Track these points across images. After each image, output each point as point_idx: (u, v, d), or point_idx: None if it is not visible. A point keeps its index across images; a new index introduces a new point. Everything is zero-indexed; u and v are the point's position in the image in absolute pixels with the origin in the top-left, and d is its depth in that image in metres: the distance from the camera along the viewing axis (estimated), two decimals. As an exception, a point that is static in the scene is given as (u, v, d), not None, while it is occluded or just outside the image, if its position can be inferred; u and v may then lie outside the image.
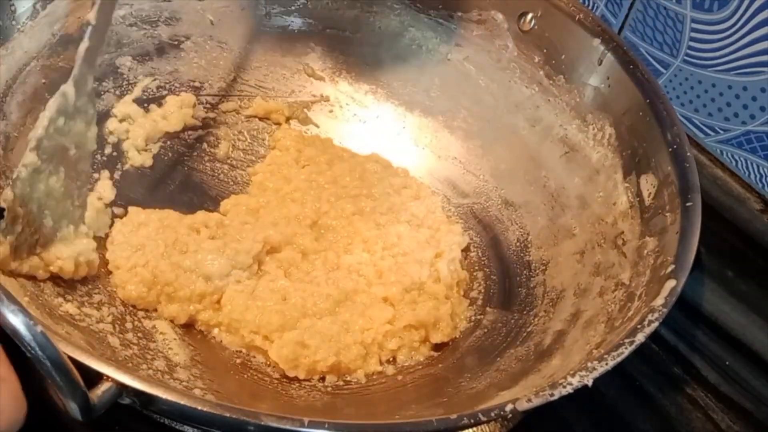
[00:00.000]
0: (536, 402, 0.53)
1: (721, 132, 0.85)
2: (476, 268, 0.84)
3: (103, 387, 0.48)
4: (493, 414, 0.52)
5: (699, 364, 0.80)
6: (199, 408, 0.49)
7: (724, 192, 0.86)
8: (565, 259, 0.79)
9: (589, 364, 0.56)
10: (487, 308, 0.80)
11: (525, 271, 0.82)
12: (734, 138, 0.85)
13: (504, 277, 0.82)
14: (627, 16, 0.90)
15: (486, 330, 0.77)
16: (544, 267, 0.80)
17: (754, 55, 0.80)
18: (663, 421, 0.76)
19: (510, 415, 0.52)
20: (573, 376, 0.55)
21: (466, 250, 0.85)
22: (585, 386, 0.55)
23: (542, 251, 0.82)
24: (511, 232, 0.86)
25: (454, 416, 0.52)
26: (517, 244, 0.84)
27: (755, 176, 0.85)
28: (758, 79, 0.80)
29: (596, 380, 0.55)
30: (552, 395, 0.54)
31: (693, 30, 0.84)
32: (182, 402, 0.49)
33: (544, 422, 0.73)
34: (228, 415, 0.49)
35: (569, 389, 0.55)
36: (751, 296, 0.83)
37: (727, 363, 0.80)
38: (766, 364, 0.80)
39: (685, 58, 0.85)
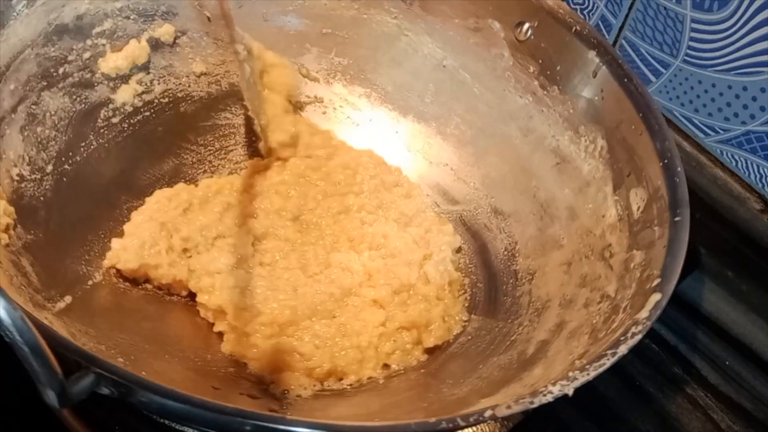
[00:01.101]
0: (516, 409, 0.53)
1: (721, 132, 0.85)
2: (463, 274, 0.84)
3: (79, 375, 0.47)
4: (471, 419, 0.52)
5: (699, 364, 0.80)
6: (180, 403, 0.49)
7: (724, 192, 0.86)
8: (552, 270, 0.79)
9: (570, 374, 0.56)
10: (472, 315, 0.80)
11: (511, 280, 0.81)
12: (734, 138, 0.85)
13: (490, 285, 0.82)
14: (627, 16, 0.89)
15: (470, 337, 0.77)
16: (530, 276, 0.80)
17: (754, 55, 0.79)
18: (663, 421, 0.77)
19: (489, 421, 0.52)
20: (554, 385, 0.55)
21: (457, 252, 0.85)
22: (565, 395, 0.55)
23: (529, 261, 0.82)
24: (500, 241, 0.85)
25: (432, 420, 0.52)
26: (505, 252, 0.84)
27: (755, 176, 0.85)
28: (758, 79, 0.80)
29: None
30: (532, 403, 0.54)
31: (693, 30, 0.83)
32: (163, 395, 0.49)
33: (544, 422, 0.73)
34: (206, 412, 0.49)
35: (549, 398, 0.54)
36: (751, 296, 0.83)
37: (727, 363, 0.80)
38: (766, 364, 0.80)
39: (685, 58, 0.85)
